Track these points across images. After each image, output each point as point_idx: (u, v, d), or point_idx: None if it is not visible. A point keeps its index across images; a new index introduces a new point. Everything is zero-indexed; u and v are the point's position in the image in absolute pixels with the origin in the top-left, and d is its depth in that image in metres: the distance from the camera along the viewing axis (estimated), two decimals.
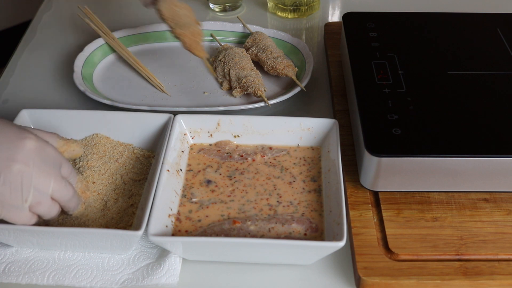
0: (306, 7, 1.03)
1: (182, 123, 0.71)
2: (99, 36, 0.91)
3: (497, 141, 0.62)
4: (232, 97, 0.82)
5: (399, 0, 1.04)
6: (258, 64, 0.87)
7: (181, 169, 0.68)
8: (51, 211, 0.59)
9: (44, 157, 0.57)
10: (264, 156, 0.71)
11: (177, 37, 0.79)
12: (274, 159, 0.70)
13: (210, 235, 0.61)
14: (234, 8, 1.06)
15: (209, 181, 0.68)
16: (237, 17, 0.98)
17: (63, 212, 0.63)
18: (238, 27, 0.95)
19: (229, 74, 0.83)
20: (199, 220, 0.63)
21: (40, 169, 0.56)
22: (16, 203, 0.55)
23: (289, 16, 1.04)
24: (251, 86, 0.80)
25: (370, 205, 0.65)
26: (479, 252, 0.60)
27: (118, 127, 0.72)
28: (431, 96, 0.68)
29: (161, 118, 0.71)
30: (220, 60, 0.85)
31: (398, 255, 0.60)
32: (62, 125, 0.72)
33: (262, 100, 0.79)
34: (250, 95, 0.83)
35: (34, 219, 0.58)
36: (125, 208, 0.65)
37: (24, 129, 0.58)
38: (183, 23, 0.78)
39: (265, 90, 0.80)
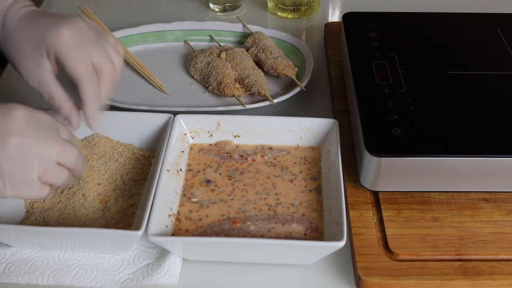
0: (306, 7, 1.03)
1: (182, 123, 0.71)
2: None
3: (497, 141, 0.62)
4: (232, 97, 0.82)
5: (399, 0, 1.04)
6: (258, 64, 0.87)
7: (181, 169, 0.68)
8: (60, 177, 0.56)
9: (39, 123, 0.54)
10: (264, 156, 0.71)
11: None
12: (274, 158, 0.70)
13: (210, 235, 0.61)
14: (234, 8, 1.06)
15: (209, 181, 0.68)
16: (237, 17, 0.98)
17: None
18: (238, 27, 0.95)
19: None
20: (199, 220, 0.63)
21: (38, 137, 0.53)
22: (24, 176, 0.53)
23: (289, 16, 1.04)
24: (255, 86, 0.80)
25: (370, 205, 0.65)
26: (479, 252, 0.60)
27: (118, 127, 0.72)
28: (431, 96, 0.68)
29: (161, 118, 0.71)
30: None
31: (398, 255, 0.60)
32: None
33: (263, 100, 0.79)
34: (251, 96, 0.83)
35: (46, 190, 0.55)
36: (125, 208, 0.65)
37: (9, 103, 0.55)
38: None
39: (268, 89, 0.80)
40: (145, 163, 0.70)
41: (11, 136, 0.52)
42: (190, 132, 0.72)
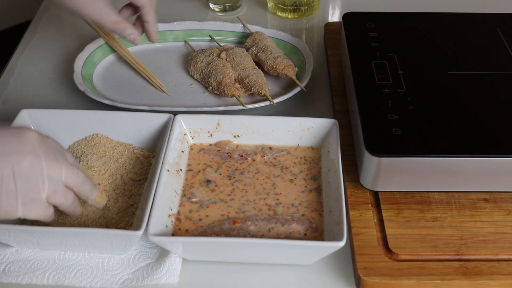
0: (306, 7, 1.03)
1: (182, 123, 0.71)
2: (99, 36, 0.91)
3: (497, 141, 0.62)
4: (232, 97, 0.82)
5: (399, 0, 1.04)
6: (258, 64, 0.87)
7: (181, 169, 0.68)
8: (67, 199, 0.58)
9: (48, 146, 0.56)
10: (264, 156, 0.71)
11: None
12: (275, 158, 0.70)
13: (210, 235, 0.61)
14: (234, 8, 1.06)
15: (209, 181, 0.68)
16: (237, 17, 0.98)
17: (61, 212, 0.62)
18: (238, 27, 0.95)
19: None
20: (199, 220, 0.63)
21: (49, 158, 0.55)
22: (35, 195, 0.55)
23: (289, 16, 1.04)
24: (255, 86, 0.80)
25: (370, 205, 0.65)
26: (479, 252, 0.60)
27: (118, 127, 0.72)
28: (431, 96, 0.68)
29: (161, 118, 0.71)
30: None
31: (398, 255, 0.60)
32: (62, 125, 0.71)
33: (263, 100, 0.79)
34: (251, 96, 0.83)
35: (51, 210, 0.57)
36: (125, 208, 0.65)
37: (20, 126, 0.58)
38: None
39: (268, 89, 0.80)
40: (145, 163, 0.70)
41: (25, 155, 0.54)
42: (190, 132, 0.72)
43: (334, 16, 1.06)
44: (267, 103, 0.79)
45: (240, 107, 0.78)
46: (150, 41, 0.85)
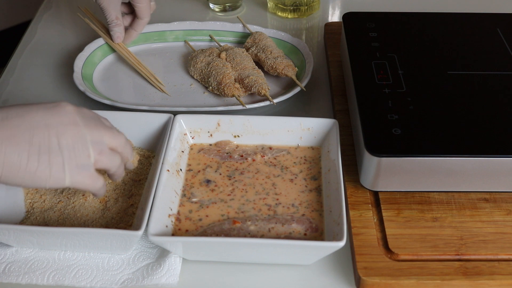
0: (306, 7, 1.03)
1: (182, 123, 0.71)
2: (99, 36, 0.91)
3: (497, 141, 0.62)
4: (232, 97, 0.82)
5: (399, 0, 1.04)
6: (258, 64, 0.87)
7: (181, 169, 0.68)
8: (114, 161, 0.60)
9: (85, 115, 0.58)
10: (264, 156, 0.71)
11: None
12: (275, 158, 0.70)
13: (210, 235, 0.61)
14: (234, 8, 1.06)
15: (209, 181, 0.68)
16: (237, 17, 0.98)
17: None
18: (238, 27, 0.95)
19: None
20: (199, 220, 0.63)
21: (88, 125, 0.57)
22: (83, 161, 0.56)
23: (289, 16, 1.04)
24: (255, 86, 0.80)
25: (370, 205, 0.65)
26: (479, 252, 0.60)
27: (118, 127, 0.71)
28: (431, 96, 0.68)
29: (161, 118, 0.71)
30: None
31: (398, 255, 0.60)
32: None
33: (263, 100, 0.79)
34: (251, 95, 0.83)
35: (100, 180, 0.59)
36: (125, 208, 0.65)
37: (55, 101, 0.60)
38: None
39: (268, 89, 0.80)
40: (145, 163, 0.70)
41: (67, 126, 0.56)
42: (190, 132, 0.72)
43: (334, 16, 1.06)
44: (267, 103, 0.79)
45: (240, 107, 0.78)
46: (121, 41, 0.90)
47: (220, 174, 0.69)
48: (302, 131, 0.71)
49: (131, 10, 0.90)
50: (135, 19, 0.90)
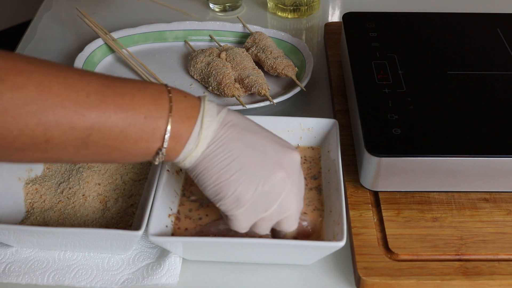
0: (306, 7, 1.03)
1: None
2: (99, 36, 0.91)
3: (497, 141, 0.62)
4: (232, 97, 0.82)
5: (399, 0, 1.04)
6: (258, 64, 0.87)
7: (181, 169, 0.68)
8: (265, 230, 0.56)
9: (300, 176, 0.56)
10: None
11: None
12: None
13: (207, 234, 0.61)
14: (234, 8, 1.06)
15: None
16: (237, 17, 0.98)
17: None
18: (238, 27, 0.95)
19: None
20: (199, 219, 0.63)
21: (293, 187, 0.54)
22: (259, 208, 0.53)
23: (289, 16, 1.04)
24: (255, 86, 0.80)
25: (370, 205, 0.65)
26: (479, 252, 0.60)
27: None
28: (431, 96, 0.68)
29: None
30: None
31: (398, 255, 0.60)
32: None
33: (263, 100, 0.79)
34: (251, 96, 0.83)
35: (247, 229, 0.55)
36: (125, 208, 0.65)
37: (290, 145, 0.56)
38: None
39: (268, 89, 0.80)
40: (145, 163, 0.70)
41: (282, 169, 0.53)
42: None
43: (334, 16, 1.06)
44: (267, 103, 0.79)
45: (240, 107, 0.78)
46: None
47: None
48: (302, 131, 0.71)
49: None
50: None
